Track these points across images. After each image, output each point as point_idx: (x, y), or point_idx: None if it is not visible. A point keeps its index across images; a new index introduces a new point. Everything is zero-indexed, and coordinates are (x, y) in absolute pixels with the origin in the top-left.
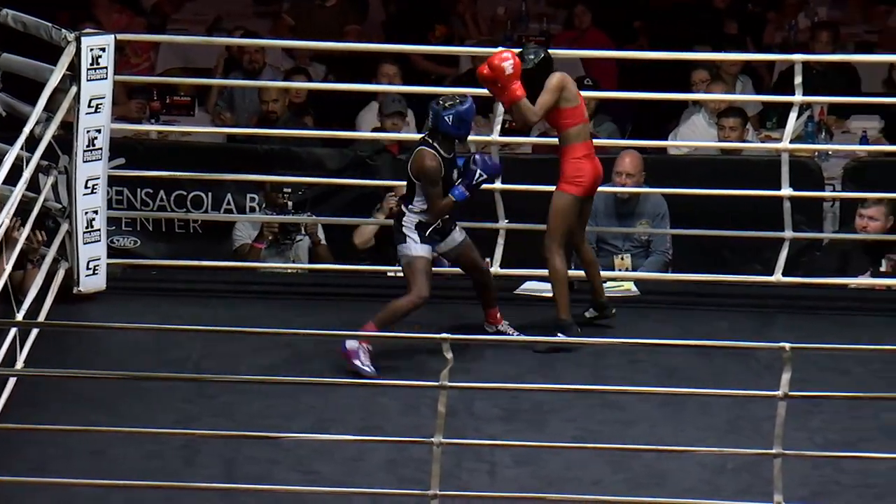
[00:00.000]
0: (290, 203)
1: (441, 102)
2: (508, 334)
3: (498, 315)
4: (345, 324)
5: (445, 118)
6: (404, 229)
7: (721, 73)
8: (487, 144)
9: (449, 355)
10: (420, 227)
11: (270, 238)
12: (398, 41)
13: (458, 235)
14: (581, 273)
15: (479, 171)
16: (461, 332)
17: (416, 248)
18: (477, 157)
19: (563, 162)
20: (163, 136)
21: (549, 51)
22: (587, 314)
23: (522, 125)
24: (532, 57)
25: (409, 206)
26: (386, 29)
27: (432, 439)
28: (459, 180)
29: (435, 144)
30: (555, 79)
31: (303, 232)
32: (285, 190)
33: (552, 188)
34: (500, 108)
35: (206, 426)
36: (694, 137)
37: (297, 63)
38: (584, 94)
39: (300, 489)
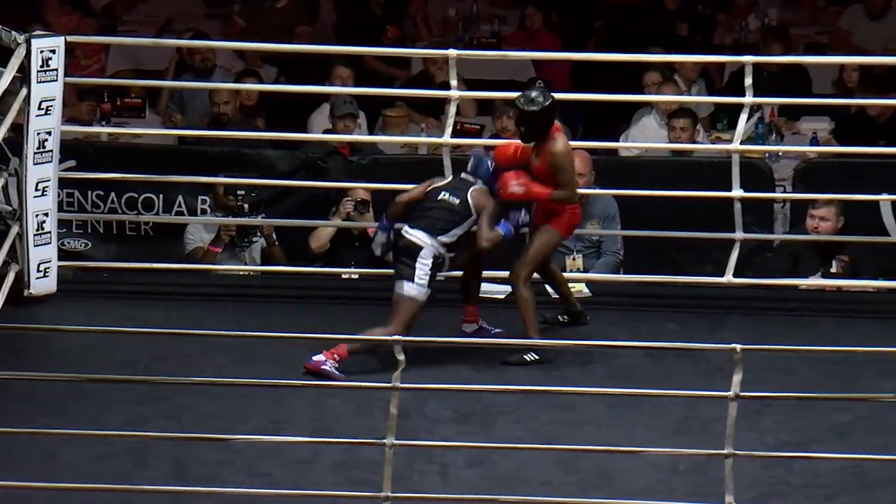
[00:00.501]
0: (245, 205)
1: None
2: (490, 330)
3: (476, 314)
4: (297, 326)
5: (485, 165)
6: (418, 263)
7: (680, 76)
8: (439, 146)
9: (401, 357)
10: (435, 267)
11: (228, 240)
12: (349, 43)
13: None
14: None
15: (521, 220)
16: (422, 335)
17: (419, 291)
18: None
19: (561, 207)
20: (113, 137)
21: (504, 53)
22: (560, 318)
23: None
24: (541, 100)
25: (439, 238)
26: (337, 30)
27: (384, 441)
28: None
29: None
30: (566, 148)
31: (258, 234)
32: (239, 192)
33: None
34: (452, 111)
35: (156, 428)
36: (645, 139)
37: (249, 65)
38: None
39: (251, 491)
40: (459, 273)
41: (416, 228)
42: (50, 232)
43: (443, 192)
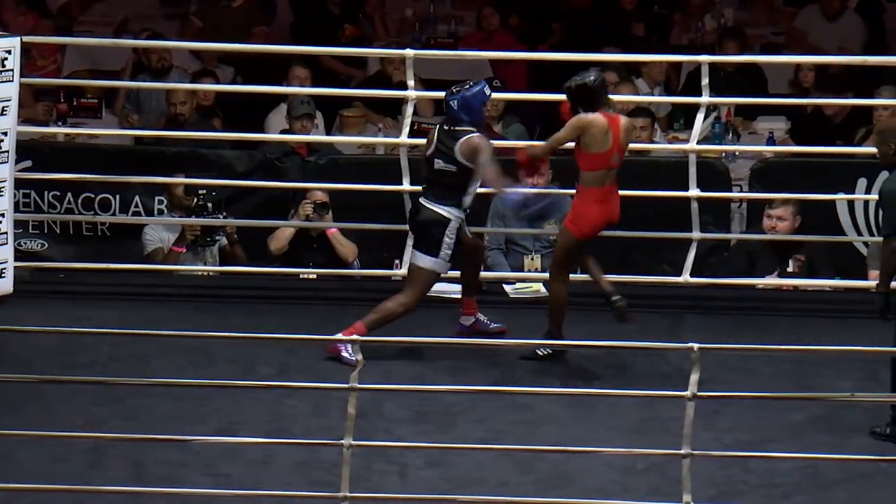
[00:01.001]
0: (209, 205)
1: (451, 89)
2: (487, 325)
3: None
4: (255, 326)
5: (451, 103)
6: (445, 238)
7: (645, 77)
8: (396, 146)
9: (359, 357)
10: (455, 234)
11: (192, 240)
12: (306, 43)
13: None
14: (491, 274)
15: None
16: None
17: (439, 264)
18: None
19: (574, 198)
20: (70, 138)
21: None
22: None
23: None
24: (577, 78)
25: (462, 198)
26: (294, 30)
27: (342, 441)
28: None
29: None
30: (577, 119)
31: (220, 233)
32: (201, 192)
33: None
34: (409, 111)
35: (114, 429)
36: None
37: (205, 65)
38: (492, 96)
39: (209, 492)
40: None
41: (436, 202)
42: (6, 232)
43: (437, 160)
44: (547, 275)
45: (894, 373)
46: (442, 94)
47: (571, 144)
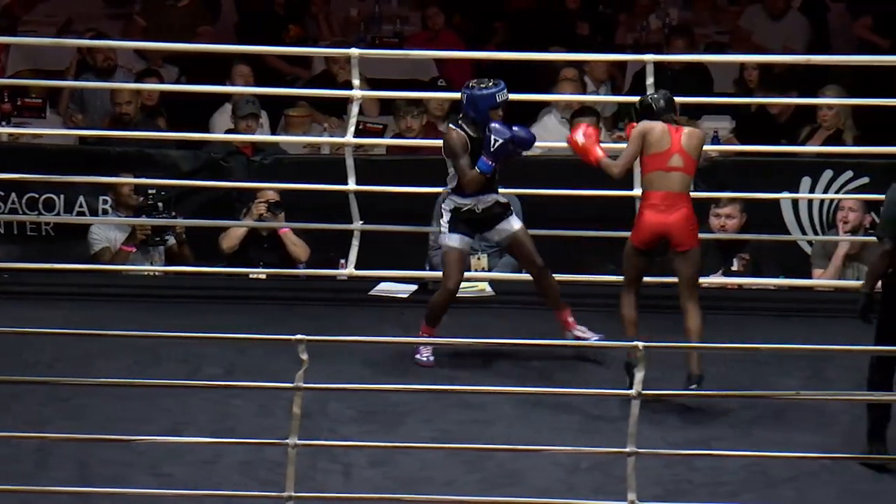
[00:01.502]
0: (159, 204)
1: (469, 83)
2: (585, 339)
3: (569, 319)
4: (202, 326)
5: (462, 97)
6: (443, 211)
7: (590, 77)
8: (341, 146)
9: (304, 357)
10: (455, 213)
11: (142, 239)
12: (251, 42)
13: (512, 224)
14: (437, 274)
15: (493, 138)
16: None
17: (447, 238)
18: (492, 124)
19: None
20: (14, 138)
21: (401, 50)
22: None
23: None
24: (644, 97)
25: (448, 188)
26: (239, 30)
27: (287, 441)
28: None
29: (461, 124)
30: (637, 128)
31: (170, 233)
32: (150, 191)
33: (408, 189)
34: (355, 110)
35: (59, 429)
36: (546, 138)
37: (150, 65)
38: (437, 95)
39: (154, 492)
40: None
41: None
42: None
43: None
44: (492, 274)
45: (871, 373)
46: (387, 93)
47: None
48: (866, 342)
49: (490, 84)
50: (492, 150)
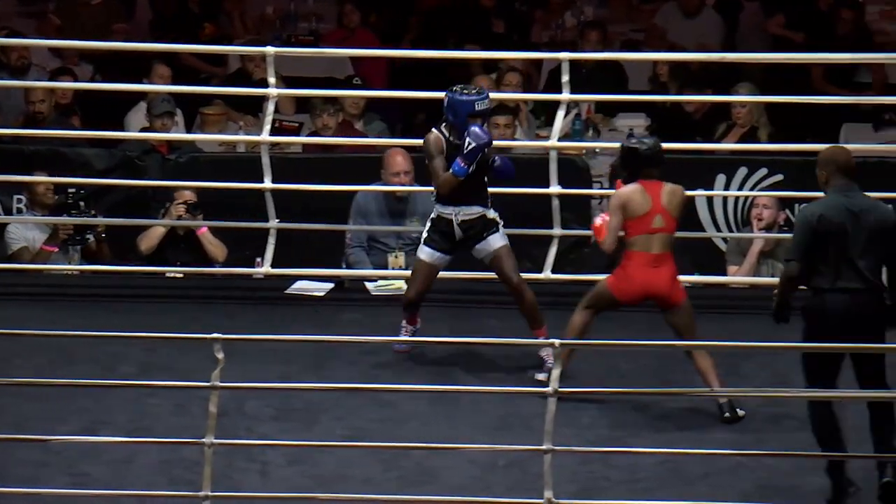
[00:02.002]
0: (81, 203)
1: (453, 87)
2: (547, 364)
3: (542, 339)
4: (119, 325)
5: (444, 101)
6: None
7: (508, 76)
8: (257, 144)
9: (220, 355)
10: (434, 224)
11: (65, 239)
12: (166, 40)
13: (494, 242)
14: (354, 272)
15: (468, 140)
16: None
17: (419, 249)
18: (471, 128)
19: (622, 258)
20: None
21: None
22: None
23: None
24: (632, 141)
25: (433, 197)
26: (154, 28)
27: (204, 440)
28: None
29: (442, 128)
30: (615, 200)
31: (89, 232)
32: (70, 190)
33: (323, 187)
34: (270, 108)
35: None
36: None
37: (65, 63)
38: (353, 93)
39: (70, 492)
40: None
41: None
42: None
43: None
44: (409, 272)
45: (807, 373)
46: (303, 91)
47: None
48: (781, 339)
49: (473, 91)
50: (465, 152)
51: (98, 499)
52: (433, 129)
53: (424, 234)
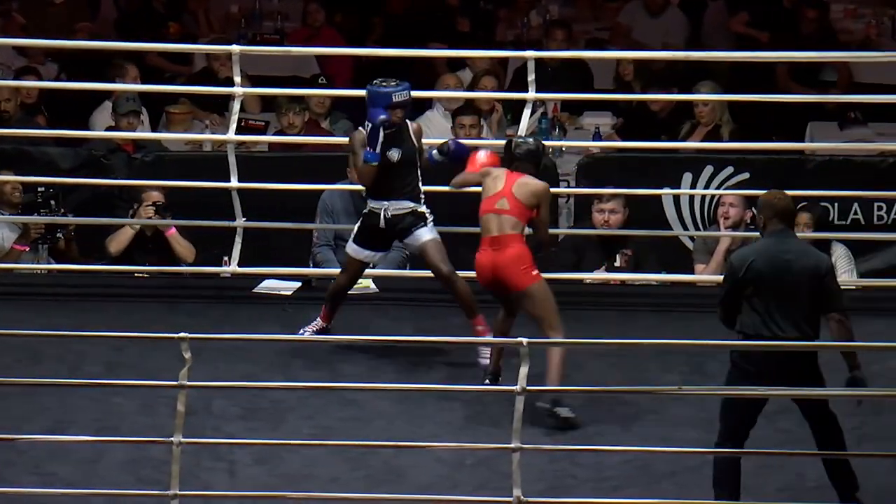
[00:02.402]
0: (52, 202)
1: (373, 80)
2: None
3: (479, 328)
4: (85, 324)
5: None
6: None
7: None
8: (223, 143)
9: (187, 354)
10: (364, 219)
11: (36, 238)
12: (131, 39)
13: (421, 235)
14: (321, 271)
15: (367, 124)
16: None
17: (348, 244)
18: (379, 116)
19: None
20: None
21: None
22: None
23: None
24: (519, 139)
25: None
26: (118, 27)
27: (171, 439)
28: None
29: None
30: (485, 167)
31: (60, 231)
32: (39, 189)
33: (290, 186)
34: (236, 107)
35: None
36: (430, 133)
37: (30, 62)
38: (319, 92)
39: (36, 491)
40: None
41: None
42: None
43: None
44: (377, 271)
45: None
46: (268, 90)
47: None
48: None
49: (392, 83)
50: (374, 139)
51: (66, 498)
52: (359, 128)
53: (354, 230)
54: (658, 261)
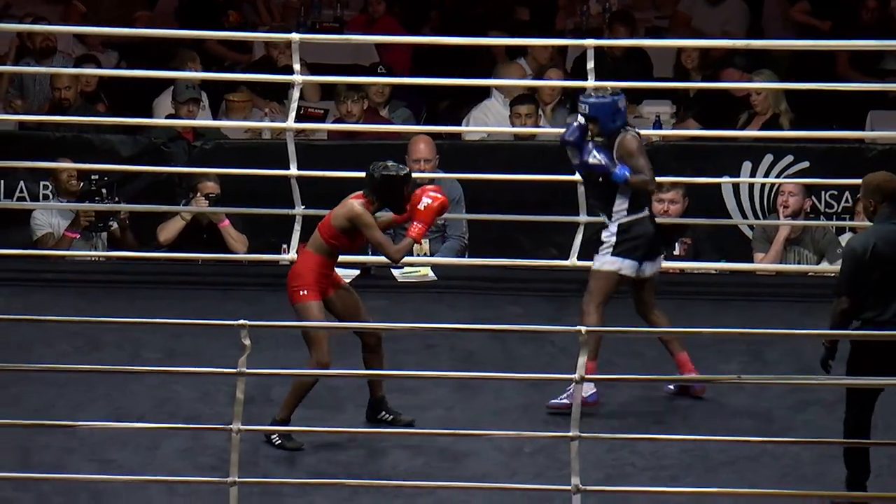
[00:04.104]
0: (103, 190)
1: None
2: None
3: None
4: (142, 312)
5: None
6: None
7: (529, 62)
8: (282, 131)
9: (247, 342)
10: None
11: (86, 226)
12: (191, 28)
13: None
14: (381, 259)
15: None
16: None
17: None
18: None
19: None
20: None
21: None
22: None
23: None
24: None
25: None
26: (178, 15)
27: (231, 426)
28: None
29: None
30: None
31: (112, 219)
32: (93, 177)
33: (348, 174)
34: (296, 95)
35: None
36: (488, 122)
37: (89, 50)
38: (377, 80)
39: (97, 477)
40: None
41: None
42: None
43: None
44: (435, 259)
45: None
46: (328, 78)
47: None
48: (806, 326)
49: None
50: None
51: (124, 485)
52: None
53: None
54: (717, 249)
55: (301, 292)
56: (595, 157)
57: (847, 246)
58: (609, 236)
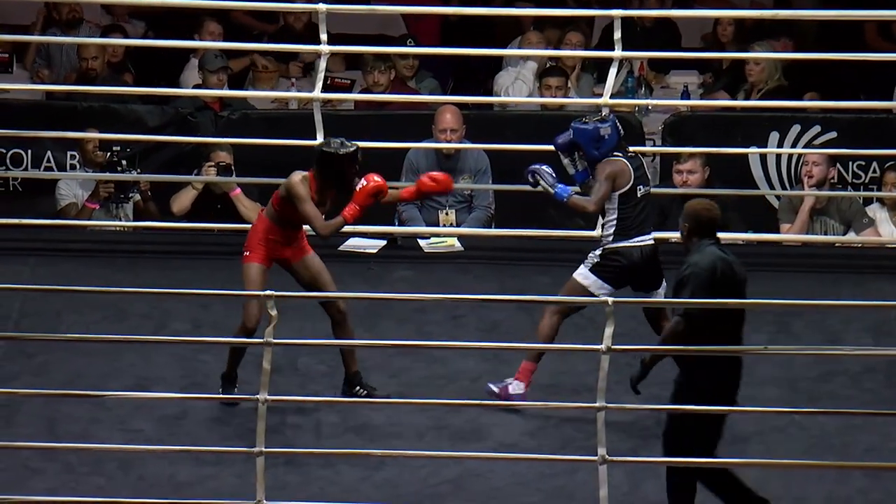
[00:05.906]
0: (123, 161)
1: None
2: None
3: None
4: (168, 282)
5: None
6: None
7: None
8: (309, 101)
9: (273, 312)
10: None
11: (106, 197)
12: None
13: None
14: (406, 229)
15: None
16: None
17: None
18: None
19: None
20: None
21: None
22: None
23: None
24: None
25: None
26: None
27: (257, 396)
28: None
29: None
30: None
31: (134, 190)
32: (115, 147)
33: (375, 144)
34: (322, 65)
35: (25, 385)
36: (518, 93)
37: (116, 20)
38: (402, 50)
39: (123, 447)
40: None
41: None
42: None
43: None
44: (462, 230)
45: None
46: (354, 48)
47: None
48: (834, 297)
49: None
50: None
51: (151, 454)
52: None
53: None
54: (743, 220)
55: (245, 253)
56: (550, 174)
57: (697, 267)
58: (593, 256)
